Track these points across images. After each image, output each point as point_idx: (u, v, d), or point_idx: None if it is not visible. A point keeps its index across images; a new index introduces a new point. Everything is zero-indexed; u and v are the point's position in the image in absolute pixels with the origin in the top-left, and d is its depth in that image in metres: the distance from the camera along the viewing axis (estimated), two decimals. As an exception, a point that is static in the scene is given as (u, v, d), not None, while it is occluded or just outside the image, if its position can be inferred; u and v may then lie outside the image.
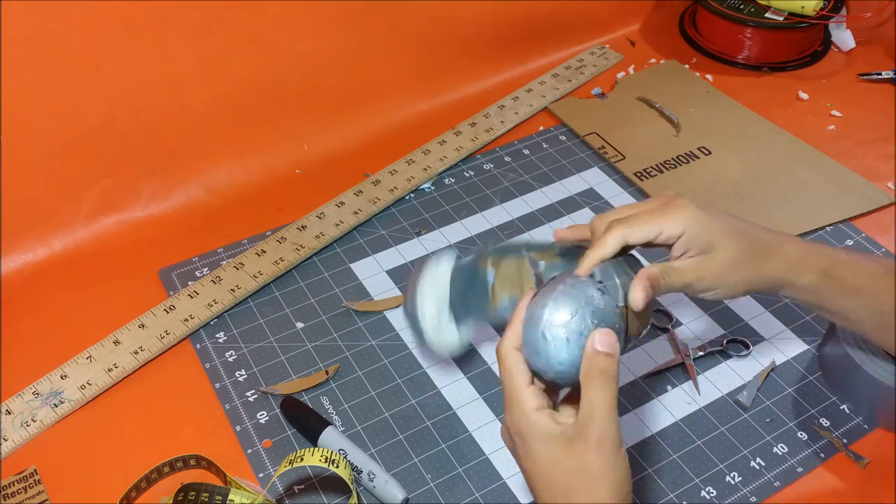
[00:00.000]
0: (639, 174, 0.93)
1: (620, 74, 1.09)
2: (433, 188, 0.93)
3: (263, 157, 0.95)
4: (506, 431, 0.53)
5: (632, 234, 0.54)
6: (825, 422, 0.70)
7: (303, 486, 0.65)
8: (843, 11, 1.11)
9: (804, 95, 1.05)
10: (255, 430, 0.69)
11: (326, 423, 0.68)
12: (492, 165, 0.96)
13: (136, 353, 0.75)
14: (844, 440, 0.68)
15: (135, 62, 0.84)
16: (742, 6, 1.09)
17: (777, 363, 0.74)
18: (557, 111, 1.03)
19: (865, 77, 1.08)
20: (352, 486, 0.61)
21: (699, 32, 1.16)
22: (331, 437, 0.67)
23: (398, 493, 0.63)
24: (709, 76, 1.09)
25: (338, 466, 0.60)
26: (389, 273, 0.83)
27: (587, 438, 0.48)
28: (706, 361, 0.75)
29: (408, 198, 0.92)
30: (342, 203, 0.89)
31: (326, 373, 0.73)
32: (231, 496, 0.61)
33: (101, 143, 0.86)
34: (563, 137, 1.00)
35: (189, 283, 0.81)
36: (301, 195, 0.91)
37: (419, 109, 1.03)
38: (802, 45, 1.12)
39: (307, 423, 0.68)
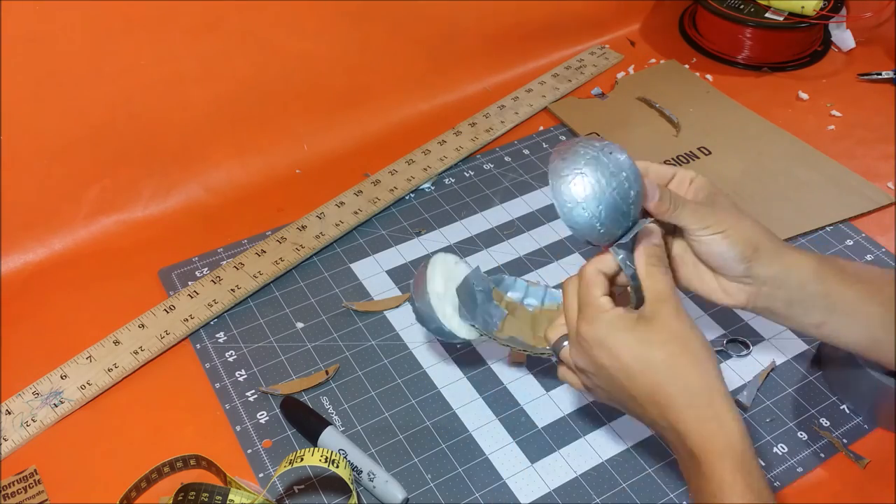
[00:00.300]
0: (639, 174, 0.93)
1: (620, 74, 1.09)
2: (433, 188, 0.93)
3: (263, 157, 0.95)
4: (577, 353, 0.55)
5: (653, 167, 0.60)
6: (825, 422, 0.70)
7: (303, 486, 0.65)
8: (843, 11, 1.11)
9: (804, 95, 1.05)
10: (255, 430, 0.69)
11: (326, 423, 0.68)
12: (492, 165, 0.96)
13: (136, 353, 0.75)
14: (844, 440, 0.68)
15: (135, 62, 0.84)
16: (742, 6, 1.09)
17: (777, 363, 0.74)
18: (557, 111, 1.03)
19: (865, 77, 1.08)
20: (352, 486, 0.61)
21: (699, 32, 1.16)
22: (331, 437, 0.67)
23: (398, 493, 0.63)
24: (709, 76, 1.09)
25: (338, 466, 0.60)
26: (389, 273, 0.83)
27: (664, 312, 0.52)
28: (706, 361, 0.74)
29: (408, 198, 0.92)
30: (342, 203, 0.89)
31: (326, 373, 0.73)
32: (231, 496, 0.61)
33: (101, 143, 0.86)
34: (563, 137, 1.00)
35: (189, 283, 0.81)
36: (301, 195, 0.91)
37: (419, 109, 1.03)
38: (802, 45, 1.12)
39: (307, 423, 0.68)
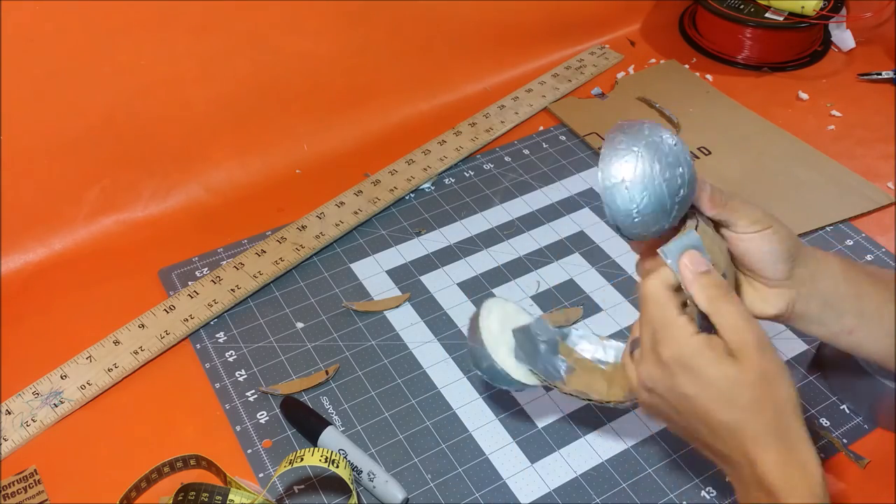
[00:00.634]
0: (639, 174, 0.93)
1: (620, 74, 1.09)
2: (433, 188, 0.93)
3: (263, 157, 0.95)
4: (657, 375, 0.50)
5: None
6: (825, 422, 0.70)
7: (303, 486, 0.65)
8: (843, 11, 1.11)
9: (804, 95, 1.05)
10: (255, 430, 0.69)
11: (326, 423, 0.68)
12: (492, 165, 0.96)
13: (136, 353, 0.75)
14: (844, 440, 0.68)
15: (135, 62, 0.84)
16: (742, 6, 1.09)
17: (777, 363, 0.74)
18: (557, 111, 1.03)
19: (865, 77, 1.08)
20: (352, 486, 0.61)
21: (699, 32, 1.16)
22: (331, 437, 0.67)
23: (398, 493, 0.63)
24: (709, 76, 1.09)
25: (338, 466, 0.60)
26: (389, 273, 0.83)
27: (753, 349, 0.48)
28: (706, 361, 0.74)
29: (408, 198, 0.92)
30: (342, 203, 0.89)
31: (326, 373, 0.73)
32: (231, 496, 0.61)
33: (101, 143, 0.86)
34: (563, 137, 1.00)
35: (189, 283, 0.81)
36: (301, 195, 0.91)
37: (419, 109, 1.03)
38: (802, 45, 1.12)
39: (307, 423, 0.68)
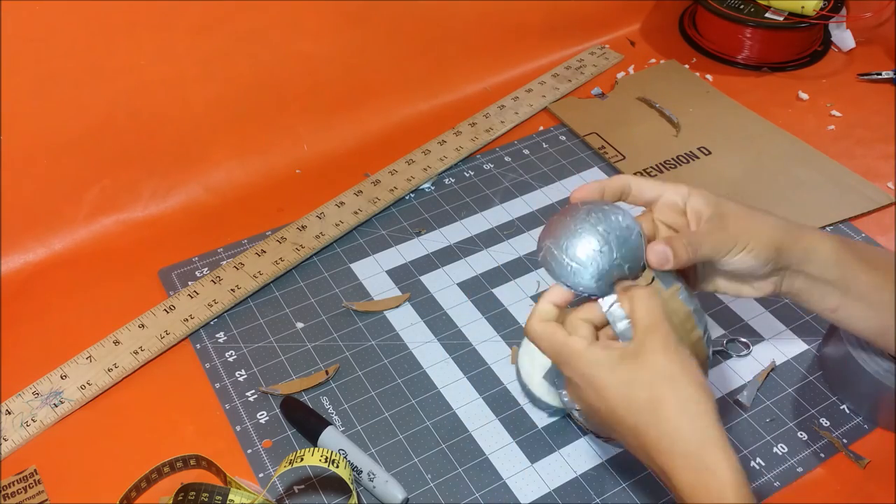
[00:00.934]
0: (639, 174, 0.93)
1: (620, 74, 1.09)
2: (433, 188, 0.93)
3: (263, 157, 0.95)
4: (571, 393, 0.51)
5: (636, 183, 0.55)
6: (825, 422, 0.70)
7: (303, 486, 0.65)
8: (843, 11, 1.11)
9: (804, 95, 1.05)
10: (255, 430, 0.69)
11: (326, 423, 0.68)
12: (492, 165, 0.96)
13: (136, 353, 0.75)
14: (844, 440, 0.68)
15: (135, 62, 0.84)
16: (742, 6, 1.09)
17: (777, 363, 0.74)
18: (557, 111, 1.03)
19: (865, 77, 1.08)
20: (352, 486, 0.61)
21: (699, 32, 1.16)
22: (331, 437, 0.67)
23: (398, 493, 0.63)
24: (709, 76, 1.09)
25: (338, 466, 0.60)
26: (389, 273, 0.83)
27: (654, 346, 0.47)
28: (706, 361, 0.75)
29: (408, 198, 0.92)
30: (342, 203, 0.89)
31: (326, 373, 0.73)
32: (231, 496, 0.61)
33: (101, 143, 0.86)
34: (563, 137, 1.00)
35: (189, 283, 0.81)
36: (301, 195, 0.91)
37: (419, 109, 1.03)
38: (802, 45, 1.12)
39: (307, 423, 0.68)
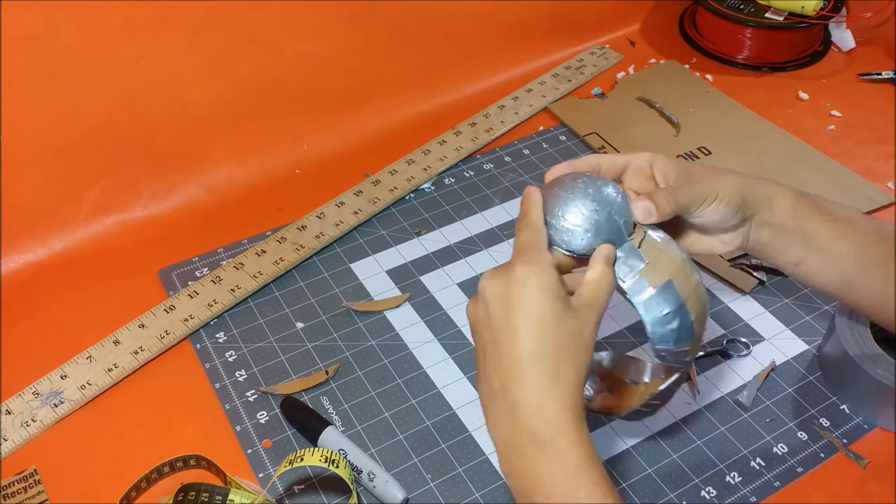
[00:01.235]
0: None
1: (620, 74, 1.09)
2: (433, 188, 0.93)
3: (263, 157, 0.95)
4: (496, 283, 0.50)
5: (604, 159, 0.57)
6: (825, 422, 0.70)
7: (303, 486, 0.65)
8: (843, 11, 1.11)
9: (804, 95, 1.05)
10: (255, 430, 0.69)
11: (326, 423, 0.68)
12: (492, 165, 0.96)
13: (136, 353, 0.75)
14: (844, 440, 0.68)
15: (135, 62, 0.84)
16: (742, 6, 1.09)
17: (777, 363, 0.74)
18: (557, 111, 1.03)
19: (865, 77, 1.08)
20: (352, 486, 0.61)
21: (699, 32, 1.16)
22: (331, 437, 0.67)
23: (398, 493, 0.63)
24: (709, 76, 1.09)
25: (338, 466, 0.60)
26: (389, 273, 0.83)
27: (589, 316, 0.50)
28: (706, 361, 0.74)
29: (408, 198, 0.92)
30: (342, 203, 0.89)
31: (326, 373, 0.73)
32: (231, 496, 0.61)
33: (101, 143, 0.86)
34: (563, 137, 1.00)
35: (189, 283, 0.81)
36: (301, 195, 0.91)
37: (419, 109, 1.03)
38: (802, 45, 1.12)
39: (307, 423, 0.68)
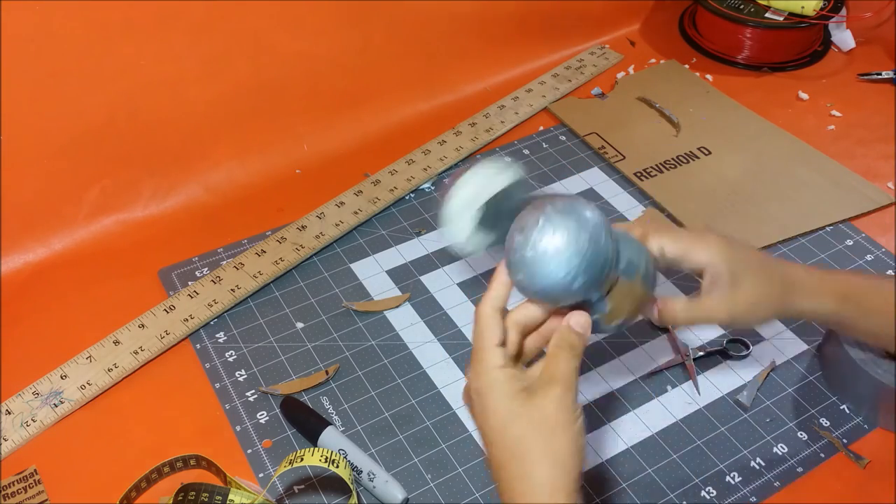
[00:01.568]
0: (639, 174, 0.93)
1: (620, 74, 1.09)
2: (433, 188, 0.93)
3: (263, 157, 0.95)
4: (466, 392, 0.52)
5: (663, 240, 0.57)
6: (825, 422, 0.70)
7: (303, 486, 0.65)
8: (843, 11, 1.11)
9: (804, 95, 1.05)
10: (255, 430, 0.69)
11: (326, 423, 0.68)
12: (492, 165, 0.96)
13: (136, 353, 0.75)
14: (844, 440, 0.68)
15: (135, 62, 0.84)
16: (742, 6, 1.09)
17: (777, 363, 0.74)
18: (557, 111, 1.03)
19: (865, 77, 1.08)
20: (352, 486, 0.61)
21: (699, 32, 1.16)
22: (331, 437, 0.67)
23: (398, 493, 0.63)
24: (709, 76, 1.09)
25: (338, 466, 0.60)
26: (389, 273, 0.83)
27: (548, 394, 0.49)
28: (706, 361, 0.75)
29: (408, 198, 0.92)
30: (342, 203, 0.89)
31: (326, 373, 0.73)
32: (231, 496, 0.61)
33: (101, 143, 0.86)
34: (563, 137, 1.00)
35: (189, 283, 0.81)
36: (301, 195, 0.91)
37: (419, 109, 1.03)
38: (802, 45, 1.12)
39: (307, 423, 0.68)
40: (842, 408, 0.71)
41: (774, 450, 0.68)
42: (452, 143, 0.97)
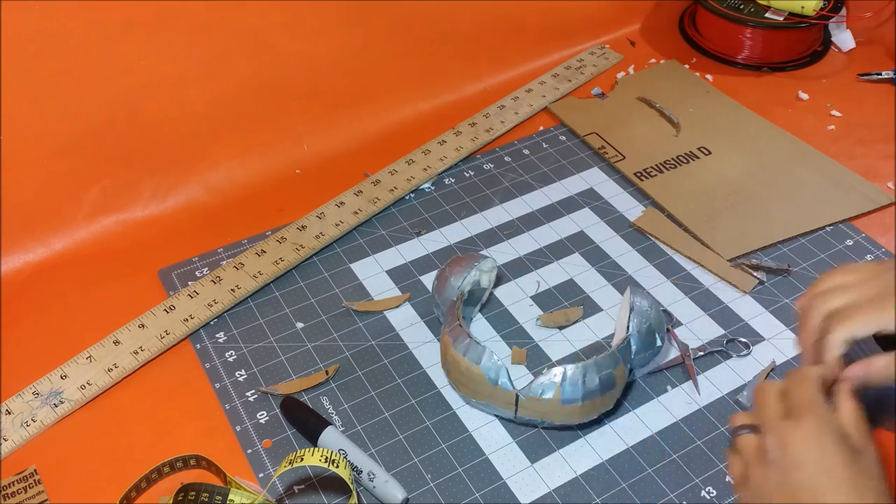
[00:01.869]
0: (639, 174, 0.93)
1: (620, 74, 1.09)
2: (433, 188, 0.93)
3: (263, 157, 0.95)
4: (777, 442, 0.48)
5: (855, 331, 0.52)
6: (825, 422, 0.70)
7: (303, 486, 0.65)
8: (843, 11, 1.11)
9: (804, 95, 1.05)
10: (255, 430, 0.69)
11: (326, 423, 0.68)
12: (492, 165, 0.96)
13: (136, 353, 0.75)
14: (844, 440, 0.68)
15: (135, 62, 0.84)
16: (742, 6, 1.09)
17: (777, 363, 0.74)
18: (557, 111, 1.03)
19: (865, 77, 1.08)
20: (352, 486, 0.61)
21: (699, 32, 1.16)
22: (331, 437, 0.67)
23: (398, 493, 0.63)
24: (709, 76, 1.09)
25: (338, 466, 0.60)
26: (389, 273, 0.83)
27: (873, 455, 0.48)
28: (706, 361, 0.74)
29: (408, 198, 0.92)
30: (342, 203, 0.89)
31: (326, 373, 0.73)
32: (231, 496, 0.61)
33: (101, 143, 0.86)
34: (563, 137, 1.00)
35: (189, 283, 0.81)
36: (301, 195, 0.91)
37: (419, 109, 1.03)
38: (802, 45, 1.12)
39: (307, 423, 0.68)
40: (842, 408, 0.71)
41: (774, 450, 0.68)
42: (452, 143, 0.97)
